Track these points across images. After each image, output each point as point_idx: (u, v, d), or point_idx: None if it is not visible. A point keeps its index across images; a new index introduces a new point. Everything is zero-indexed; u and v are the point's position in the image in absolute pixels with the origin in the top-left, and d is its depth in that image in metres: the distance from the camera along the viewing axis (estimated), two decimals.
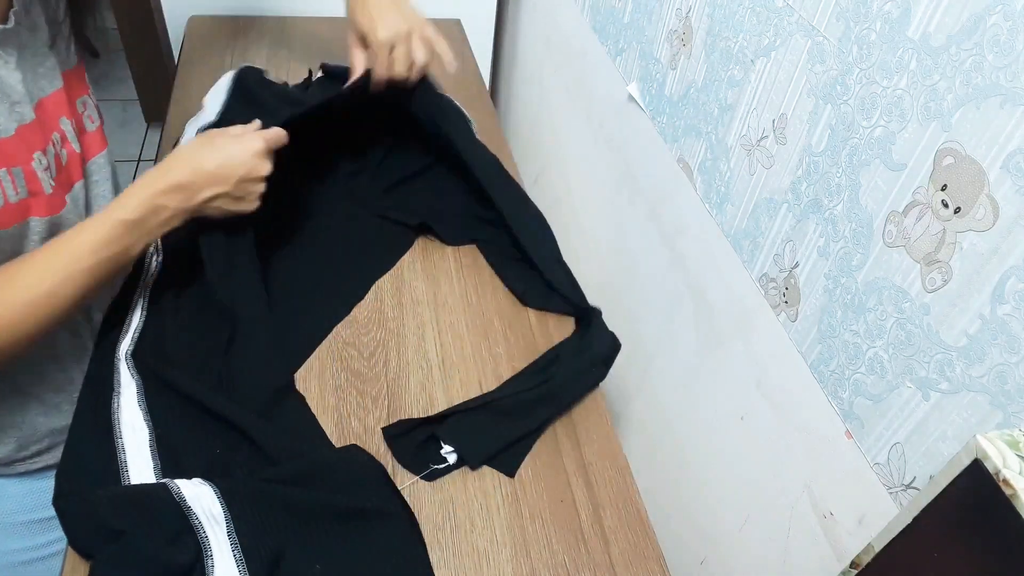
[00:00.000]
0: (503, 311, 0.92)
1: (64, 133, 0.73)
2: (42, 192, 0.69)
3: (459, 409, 0.77)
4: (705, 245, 0.84)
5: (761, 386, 0.74)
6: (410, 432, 0.75)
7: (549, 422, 0.79)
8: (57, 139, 0.72)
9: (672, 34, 0.91)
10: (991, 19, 0.48)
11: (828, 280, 0.64)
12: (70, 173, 0.74)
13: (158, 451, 0.69)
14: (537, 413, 0.78)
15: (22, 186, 0.67)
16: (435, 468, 0.73)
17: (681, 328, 0.90)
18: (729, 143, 0.79)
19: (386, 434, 0.75)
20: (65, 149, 0.74)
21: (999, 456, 0.37)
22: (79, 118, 0.76)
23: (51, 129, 0.71)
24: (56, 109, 0.72)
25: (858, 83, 0.60)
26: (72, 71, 0.76)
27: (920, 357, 0.54)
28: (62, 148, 0.73)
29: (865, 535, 0.59)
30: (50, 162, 0.71)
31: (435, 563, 0.68)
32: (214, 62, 1.33)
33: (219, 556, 0.62)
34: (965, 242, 0.50)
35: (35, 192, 0.68)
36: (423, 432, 0.75)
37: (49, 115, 0.71)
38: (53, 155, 0.71)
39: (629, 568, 0.70)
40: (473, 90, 1.35)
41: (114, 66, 2.62)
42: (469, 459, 0.74)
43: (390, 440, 0.75)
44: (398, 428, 0.75)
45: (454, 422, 0.76)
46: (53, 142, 0.72)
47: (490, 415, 0.77)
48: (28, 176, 0.67)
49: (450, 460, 0.74)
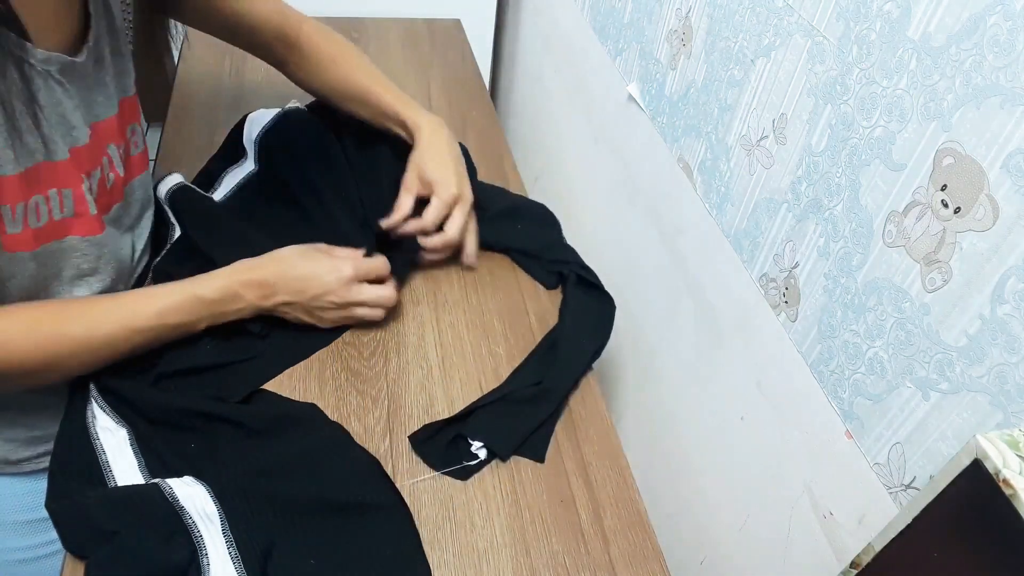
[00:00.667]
0: (503, 311, 0.92)
1: (111, 158, 0.75)
2: (87, 213, 0.70)
3: (480, 404, 0.78)
4: (705, 245, 0.84)
5: (761, 386, 0.74)
6: (436, 435, 0.76)
7: (566, 400, 0.81)
8: (106, 163, 0.74)
9: (672, 34, 0.91)
10: (991, 19, 0.48)
11: (828, 280, 0.64)
12: (112, 195, 0.76)
13: (139, 449, 0.70)
14: (552, 396, 0.79)
15: (69, 207, 0.68)
16: (467, 465, 0.74)
17: (681, 328, 0.90)
18: (729, 143, 0.79)
19: (413, 441, 0.75)
20: (112, 173, 0.75)
21: (999, 456, 0.37)
22: (127, 144, 0.78)
23: (101, 154, 0.73)
24: (107, 135, 0.74)
25: (858, 83, 0.60)
26: (128, 99, 0.78)
27: (920, 357, 0.54)
28: (109, 172, 0.75)
29: (865, 535, 0.59)
30: (93, 185, 0.72)
31: (435, 563, 0.68)
32: (214, 62, 1.33)
33: (214, 554, 0.62)
34: (965, 242, 0.50)
35: (80, 213, 0.70)
36: (449, 433, 0.76)
37: (101, 139, 0.73)
38: (98, 179, 0.73)
39: (629, 568, 0.70)
40: (473, 90, 1.35)
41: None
42: (499, 451, 0.75)
43: (418, 446, 0.75)
44: (424, 433, 0.76)
45: (478, 418, 0.77)
46: (102, 166, 0.73)
47: (510, 406, 0.78)
48: (77, 198, 0.69)
49: (481, 456, 0.75)
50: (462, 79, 1.37)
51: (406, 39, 1.47)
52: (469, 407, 0.78)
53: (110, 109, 0.74)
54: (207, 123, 1.18)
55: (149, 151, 0.86)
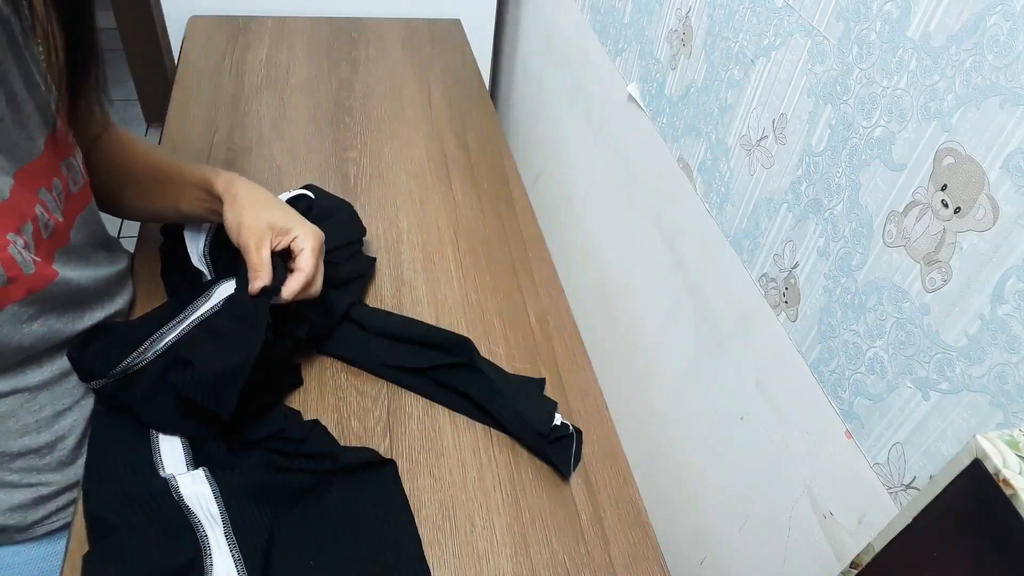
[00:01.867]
0: (503, 311, 0.92)
1: (46, 203, 0.66)
2: (21, 276, 0.62)
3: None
4: (705, 245, 0.84)
5: (761, 386, 0.74)
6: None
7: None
8: (40, 212, 0.65)
9: (672, 34, 0.91)
10: (991, 19, 0.48)
11: (828, 280, 0.64)
12: (54, 243, 0.68)
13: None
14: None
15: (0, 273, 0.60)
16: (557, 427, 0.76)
17: (681, 328, 0.90)
18: (729, 143, 0.79)
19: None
20: (52, 220, 0.67)
21: (999, 456, 0.37)
22: (65, 181, 0.70)
23: (32, 202, 0.64)
24: (34, 180, 0.65)
25: (858, 83, 0.60)
26: (55, 134, 0.69)
27: (920, 357, 0.54)
28: (48, 219, 0.66)
29: (865, 535, 0.59)
30: (28, 240, 0.63)
31: (435, 563, 0.68)
32: (214, 62, 1.33)
33: (218, 556, 0.62)
34: (965, 242, 0.50)
35: (14, 278, 0.61)
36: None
37: (28, 186, 0.64)
38: (31, 232, 0.64)
39: (629, 568, 0.70)
40: (473, 90, 1.35)
41: (114, 66, 2.62)
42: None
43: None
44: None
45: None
46: (34, 217, 0.64)
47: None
48: (6, 263, 0.60)
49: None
50: (462, 79, 1.37)
51: (406, 39, 1.47)
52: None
53: (34, 150, 0.65)
54: (207, 123, 1.18)
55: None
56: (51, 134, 0.68)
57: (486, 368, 0.81)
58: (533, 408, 0.77)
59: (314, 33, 1.44)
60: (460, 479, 0.74)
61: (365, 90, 1.30)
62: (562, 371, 0.87)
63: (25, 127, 0.65)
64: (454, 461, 0.76)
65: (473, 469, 0.75)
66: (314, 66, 1.35)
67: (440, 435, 0.78)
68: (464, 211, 1.07)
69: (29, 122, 0.66)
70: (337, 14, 1.51)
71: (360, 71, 1.35)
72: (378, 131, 1.21)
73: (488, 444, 0.78)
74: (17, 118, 0.64)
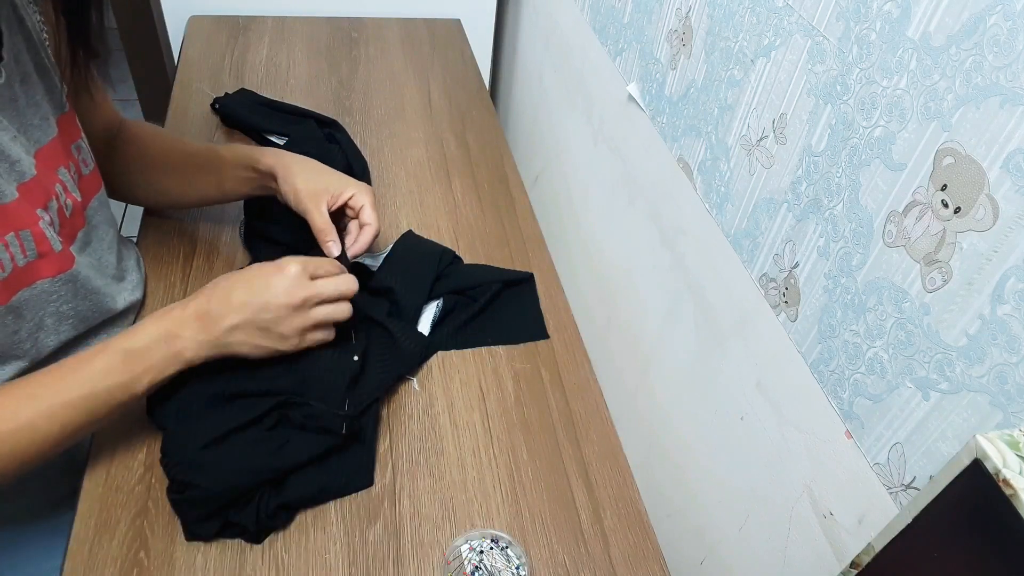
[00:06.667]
0: None
1: (64, 183, 0.69)
2: (51, 252, 0.65)
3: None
4: (705, 245, 0.84)
5: (761, 386, 0.74)
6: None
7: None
8: (59, 190, 0.68)
9: (672, 34, 0.91)
10: (991, 19, 0.48)
11: (828, 280, 0.64)
12: (74, 224, 0.70)
13: None
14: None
15: (31, 249, 0.63)
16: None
17: (681, 328, 0.90)
18: (729, 143, 0.79)
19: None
20: (69, 199, 0.69)
21: (999, 456, 0.37)
22: (76, 164, 0.72)
23: (53, 182, 0.67)
24: (54, 159, 0.68)
25: (858, 83, 0.60)
26: (66, 116, 0.71)
27: (920, 357, 0.54)
28: (66, 199, 0.69)
29: (865, 535, 0.59)
30: (53, 217, 0.66)
31: (435, 563, 0.68)
32: (214, 62, 1.33)
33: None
34: (965, 242, 0.50)
35: (45, 253, 0.64)
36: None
37: (49, 166, 0.67)
38: (56, 209, 0.67)
39: (629, 568, 0.70)
40: (473, 90, 1.35)
41: (114, 66, 2.62)
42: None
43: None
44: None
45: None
46: (56, 195, 0.67)
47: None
48: (38, 238, 0.63)
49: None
50: (462, 79, 1.37)
51: (406, 39, 1.47)
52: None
53: (49, 131, 0.68)
54: (207, 123, 1.18)
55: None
56: (62, 115, 0.71)
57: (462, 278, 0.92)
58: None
59: (314, 33, 1.44)
60: (460, 479, 0.74)
61: (365, 90, 1.30)
62: (562, 371, 0.87)
63: (40, 108, 0.67)
64: (454, 461, 0.76)
65: (473, 469, 0.75)
66: (314, 66, 1.35)
67: (440, 435, 0.78)
68: (464, 211, 1.07)
69: (43, 104, 0.68)
70: (337, 14, 1.51)
71: (360, 71, 1.35)
72: (378, 131, 1.21)
73: (488, 444, 0.78)
74: (32, 99, 0.67)
